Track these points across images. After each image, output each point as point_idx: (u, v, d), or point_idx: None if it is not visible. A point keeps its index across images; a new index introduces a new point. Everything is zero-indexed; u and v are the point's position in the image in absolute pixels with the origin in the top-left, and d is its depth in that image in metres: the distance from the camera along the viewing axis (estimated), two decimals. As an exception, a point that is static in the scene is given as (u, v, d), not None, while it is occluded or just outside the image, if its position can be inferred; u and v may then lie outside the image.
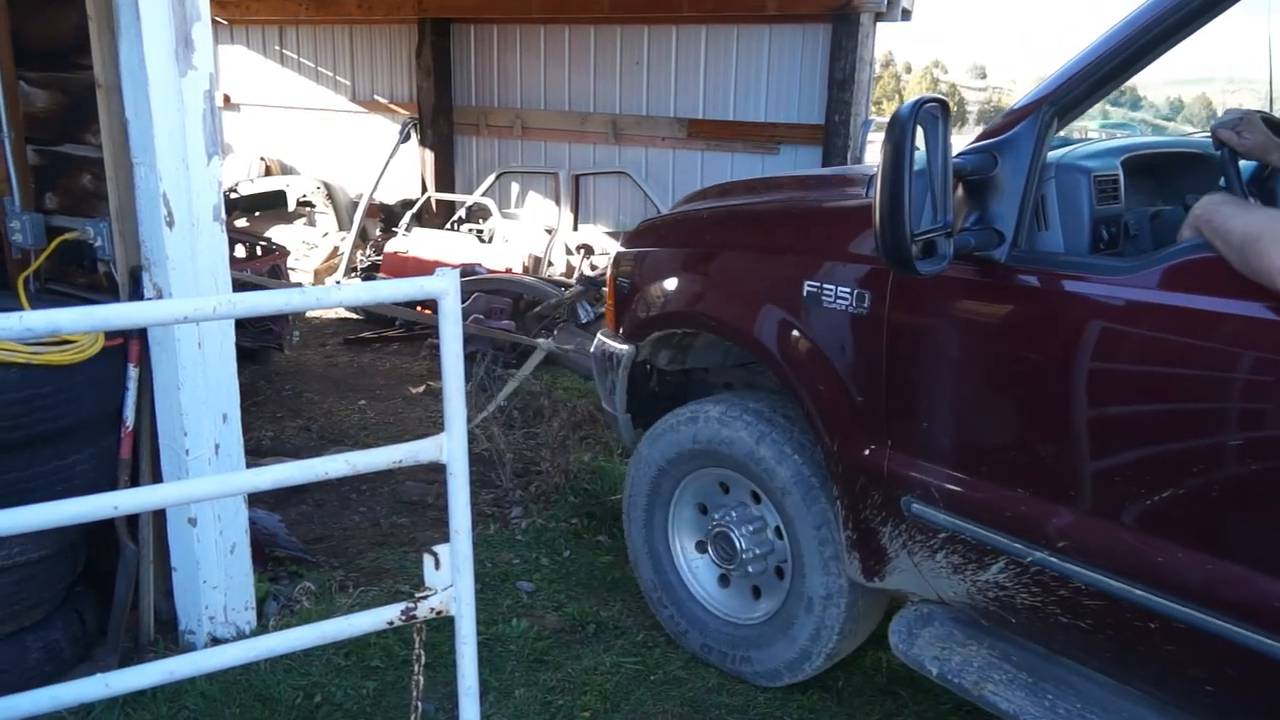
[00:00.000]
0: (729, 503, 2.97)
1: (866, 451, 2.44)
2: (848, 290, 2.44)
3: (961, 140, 2.26)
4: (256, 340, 5.96)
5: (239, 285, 5.90)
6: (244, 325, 5.44)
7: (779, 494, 2.74)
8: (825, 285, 2.49)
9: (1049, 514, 2.08)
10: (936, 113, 1.95)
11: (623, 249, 3.38)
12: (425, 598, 1.98)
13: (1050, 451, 2.09)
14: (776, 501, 2.78)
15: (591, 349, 3.44)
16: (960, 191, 2.13)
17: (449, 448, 1.91)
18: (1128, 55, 1.95)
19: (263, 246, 6.68)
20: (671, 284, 3.05)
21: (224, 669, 2.01)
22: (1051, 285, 2.06)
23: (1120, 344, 1.96)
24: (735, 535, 2.87)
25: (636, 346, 3.20)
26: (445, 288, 1.83)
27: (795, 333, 2.60)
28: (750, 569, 2.89)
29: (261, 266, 6.30)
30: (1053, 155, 2.18)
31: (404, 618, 1.95)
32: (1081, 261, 2.05)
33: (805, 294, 2.54)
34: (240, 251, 6.64)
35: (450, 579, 1.98)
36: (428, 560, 1.98)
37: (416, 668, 2.06)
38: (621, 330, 3.28)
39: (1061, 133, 2.23)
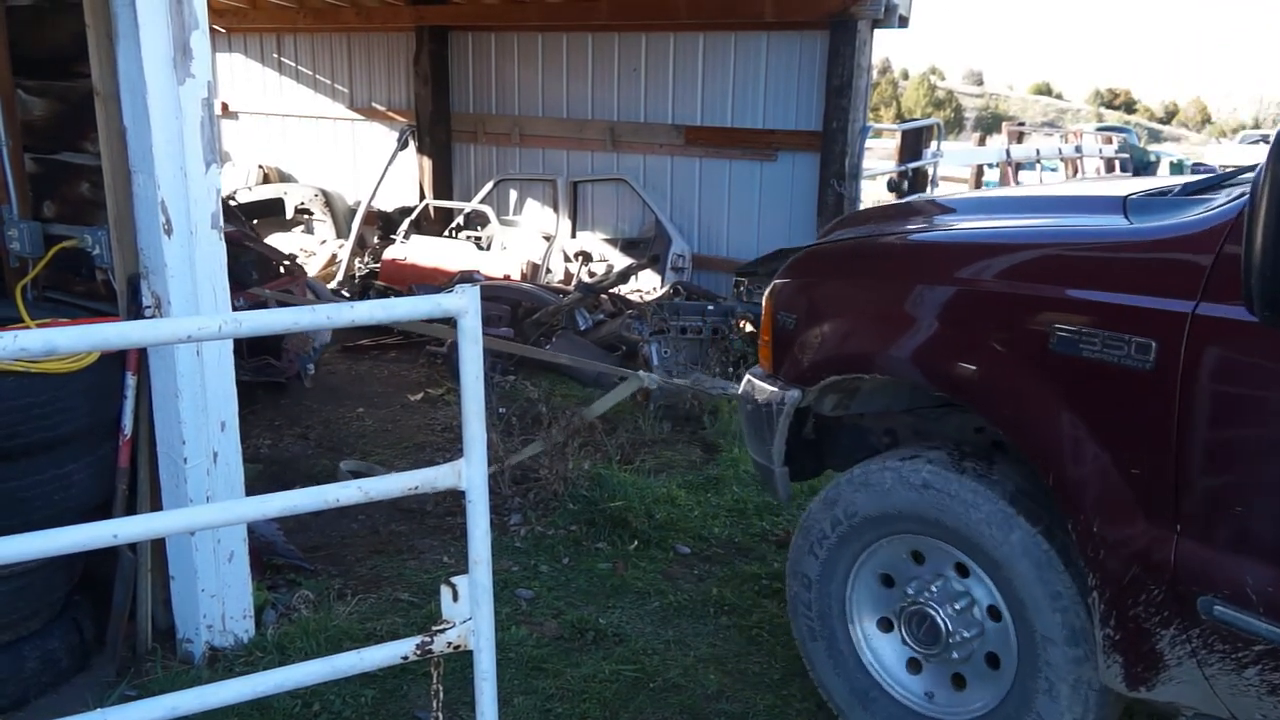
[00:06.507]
0: (955, 590, 2.50)
1: (1142, 536, 2.05)
2: (1122, 338, 2.03)
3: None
4: (259, 375, 5.58)
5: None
6: (241, 356, 5.11)
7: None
8: (1087, 331, 2.10)
9: None
10: None
11: (782, 279, 2.91)
12: (442, 631, 1.86)
13: None
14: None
15: (740, 391, 3.03)
16: None
17: (468, 474, 1.81)
18: None
19: (285, 267, 6.47)
20: (856, 322, 2.67)
21: (231, 703, 1.93)
22: None
23: None
24: (941, 620, 2.47)
25: (803, 391, 2.76)
26: (465, 306, 1.72)
27: (1038, 387, 2.20)
28: (939, 655, 2.53)
29: (275, 288, 6.00)
30: None
31: (419, 652, 1.85)
32: None
33: (1055, 340, 2.15)
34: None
35: (469, 611, 1.88)
36: (445, 592, 1.87)
37: (435, 704, 1.95)
38: (781, 373, 2.84)
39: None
